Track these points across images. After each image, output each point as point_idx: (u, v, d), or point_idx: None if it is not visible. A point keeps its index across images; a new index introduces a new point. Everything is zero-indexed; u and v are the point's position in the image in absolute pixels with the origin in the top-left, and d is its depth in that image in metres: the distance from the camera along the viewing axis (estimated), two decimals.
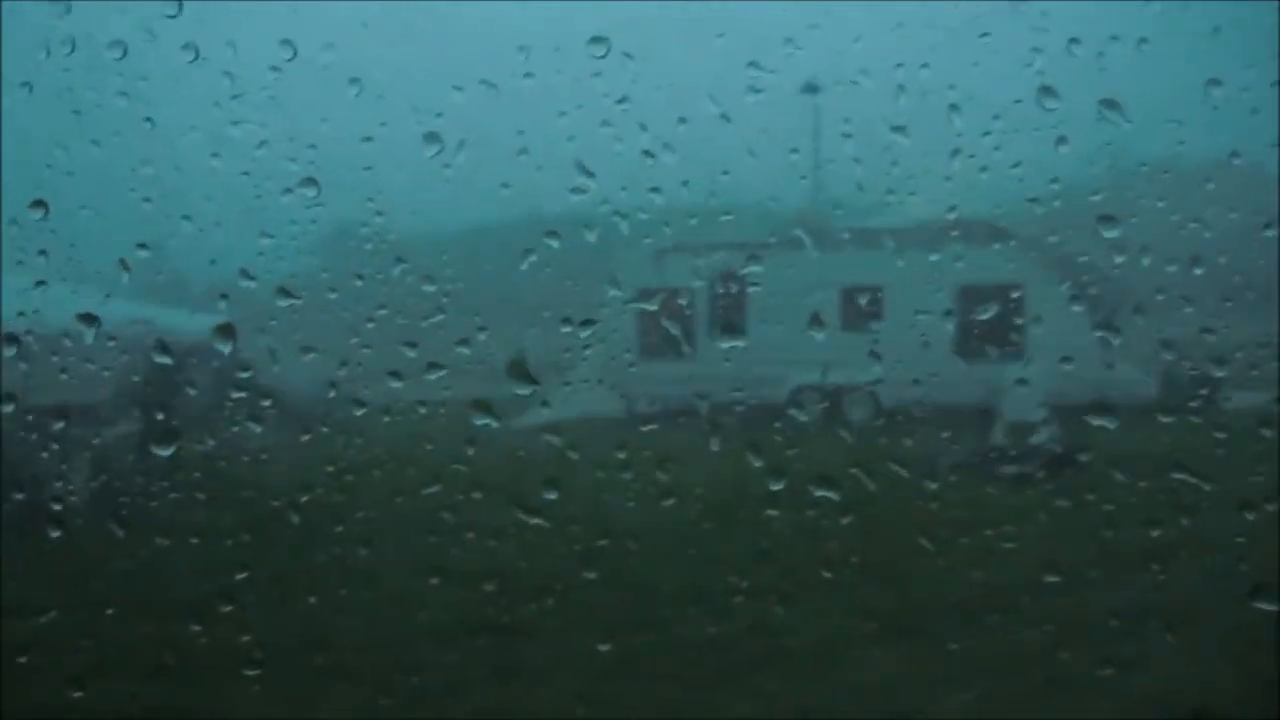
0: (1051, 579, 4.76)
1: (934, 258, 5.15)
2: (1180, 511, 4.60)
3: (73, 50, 4.76)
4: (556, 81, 4.83)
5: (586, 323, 5.01)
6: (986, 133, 4.75)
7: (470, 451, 4.99)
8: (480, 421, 4.47)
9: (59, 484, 5.40)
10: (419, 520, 5.13)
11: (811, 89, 4.95)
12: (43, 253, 4.86)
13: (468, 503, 5.05)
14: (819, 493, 4.49)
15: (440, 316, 4.97)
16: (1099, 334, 4.62)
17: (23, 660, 4.79)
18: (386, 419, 4.94)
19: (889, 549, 5.74)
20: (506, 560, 5.24)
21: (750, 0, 4.97)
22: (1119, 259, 4.63)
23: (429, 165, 4.72)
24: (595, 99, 4.82)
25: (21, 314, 4.95)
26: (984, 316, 5.01)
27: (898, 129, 4.68)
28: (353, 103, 4.80)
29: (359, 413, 4.93)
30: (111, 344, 4.92)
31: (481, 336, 5.03)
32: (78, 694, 4.56)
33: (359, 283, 5.10)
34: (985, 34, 4.73)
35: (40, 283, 4.91)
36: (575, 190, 4.81)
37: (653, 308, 5.08)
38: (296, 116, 4.82)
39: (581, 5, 5.12)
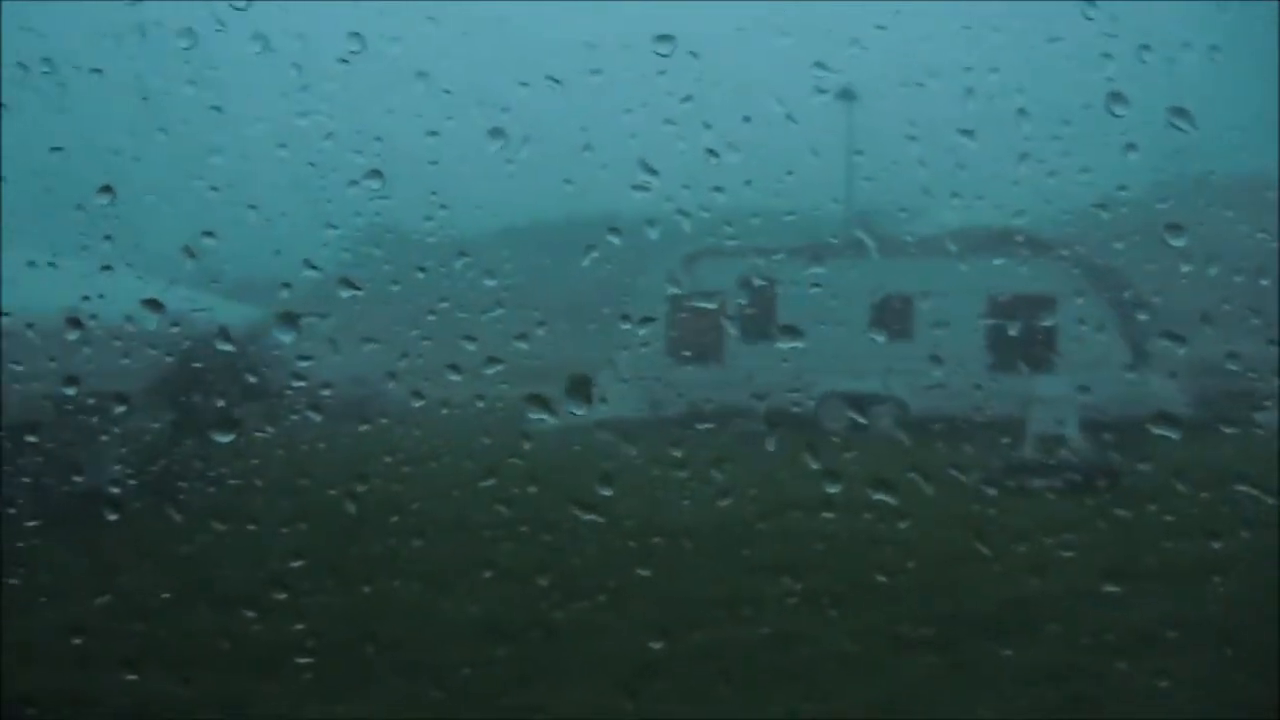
0: (1110, 588, 4.72)
1: (998, 261, 5.10)
2: (1240, 524, 4.55)
3: (143, 38, 4.81)
4: (622, 79, 4.83)
5: (646, 320, 5.02)
6: (1055, 138, 4.72)
7: (526, 446, 5.00)
8: (536, 417, 4.49)
9: (118, 468, 5.46)
10: (474, 513, 5.15)
11: (848, 95, 4.92)
12: (108, 238, 4.91)
13: (523, 497, 5.06)
14: (876, 496, 4.48)
15: (500, 311, 4.98)
16: (1163, 342, 4.57)
17: (77, 642, 4.83)
18: (445, 411, 4.96)
19: (937, 556, 5.71)
20: (560, 555, 5.24)
21: (817, 1, 4.96)
22: (1186, 268, 4.58)
23: (493, 160, 4.74)
24: (660, 97, 4.82)
25: (86, 298, 5.00)
26: (1046, 323, 4.98)
27: (965, 132, 4.64)
28: (419, 96, 4.83)
29: (417, 404, 4.95)
30: (174, 330, 4.96)
31: (540, 332, 5.05)
32: (131, 677, 4.59)
33: (421, 275, 5.12)
34: (1055, 38, 4.70)
35: (105, 267, 4.96)
36: (638, 187, 4.81)
37: (712, 306, 5.07)
38: (363, 109, 4.85)
39: (648, 4, 5.13)
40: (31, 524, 5.05)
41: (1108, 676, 4.75)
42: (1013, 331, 5.37)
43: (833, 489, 4.57)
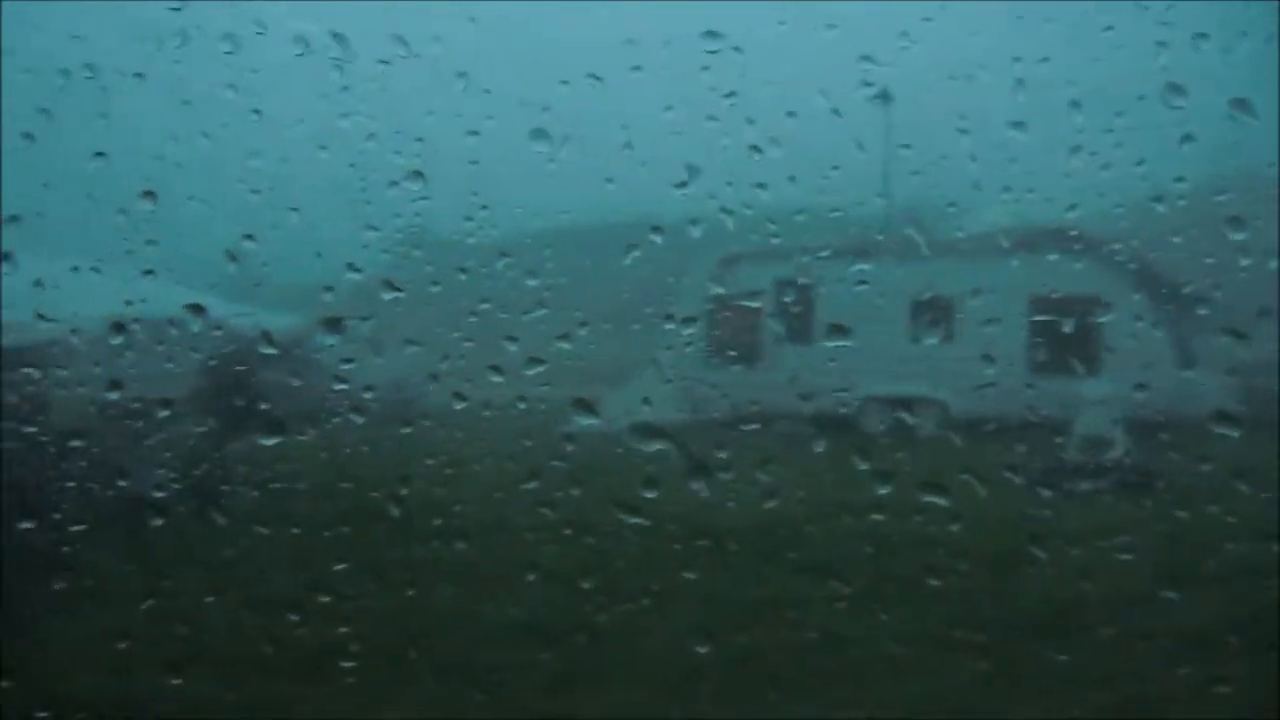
0: (1169, 593, 4.60)
1: (1047, 259, 4.99)
2: None
3: (184, 43, 4.82)
4: (663, 76, 4.78)
5: (689, 320, 4.96)
6: (1109, 130, 4.61)
7: (569, 448, 4.95)
8: (581, 420, 4.45)
9: (162, 472, 5.48)
10: (517, 515, 5.11)
11: (885, 97, 4.84)
12: (151, 242, 4.92)
13: (566, 499, 5.01)
14: (926, 498, 4.40)
15: (542, 311, 4.95)
16: (1223, 339, 4.44)
17: (122, 646, 4.84)
18: (487, 413, 4.93)
19: (988, 558, 5.61)
20: (604, 558, 5.19)
21: None
22: (1245, 261, 4.46)
23: (534, 159, 4.70)
24: (702, 93, 4.76)
25: (129, 302, 5.02)
26: (1096, 321, 4.87)
27: (1016, 125, 4.54)
28: (460, 97, 4.80)
29: (459, 406, 4.91)
30: (217, 333, 4.97)
31: (583, 332, 5.01)
32: (175, 680, 4.59)
33: (462, 276, 5.09)
34: (1108, 28, 4.59)
35: (148, 272, 4.97)
36: (680, 185, 4.76)
37: (754, 305, 5.01)
38: (404, 110, 4.83)
39: (688, 1, 5.07)
40: (77, 528, 5.07)
41: (1166, 680, 4.64)
42: (1061, 330, 5.24)
43: (883, 489, 4.51)
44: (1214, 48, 4.49)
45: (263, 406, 4.93)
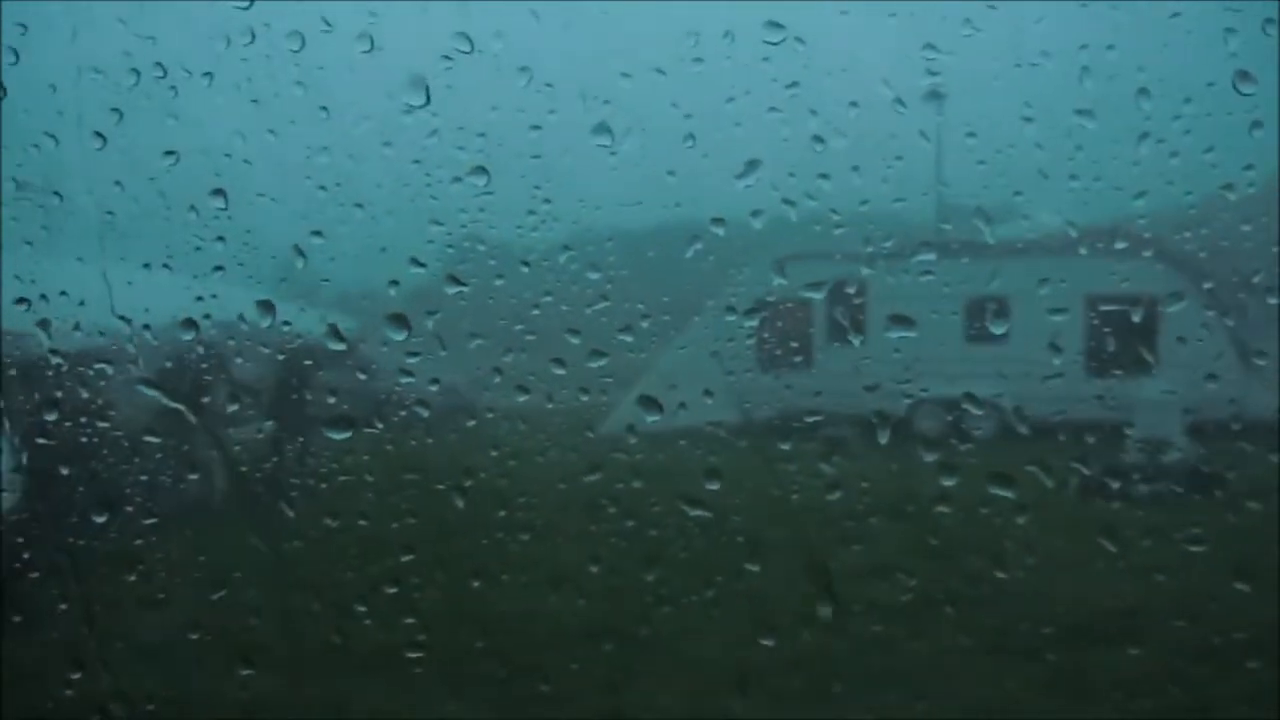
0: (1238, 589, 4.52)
1: (1107, 259, 4.92)
2: None
3: (252, 41, 4.89)
4: (725, 67, 4.78)
5: (751, 312, 4.96)
6: (1177, 117, 4.55)
7: (632, 440, 4.98)
8: (646, 416, 4.48)
9: (232, 466, 5.57)
10: (580, 508, 5.14)
11: (936, 96, 4.80)
12: (220, 239, 5.00)
13: (628, 491, 5.04)
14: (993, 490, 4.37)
15: (604, 304, 4.97)
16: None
17: (194, 637, 4.94)
18: (549, 405, 4.96)
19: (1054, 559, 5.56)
20: (668, 550, 5.21)
21: None
22: None
23: (596, 153, 4.73)
24: (764, 84, 4.76)
25: (199, 299, 5.10)
26: (1158, 322, 4.81)
27: (1082, 112, 4.50)
28: (522, 91, 4.82)
29: (522, 399, 4.96)
30: (286, 329, 5.04)
31: (644, 324, 5.02)
32: (246, 672, 4.68)
33: (525, 270, 5.13)
34: (1175, 14, 4.53)
35: (218, 268, 5.06)
36: (742, 176, 4.76)
37: (819, 296, 4.99)
38: (467, 105, 4.86)
39: None
40: (148, 522, 5.17)
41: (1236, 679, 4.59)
42: (1122, 331, 5.18)
43: (947, 482, 4.48)
44: None
45: (330, 401, 5.00)
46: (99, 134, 4.97)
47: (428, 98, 4.50)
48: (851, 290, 5.39)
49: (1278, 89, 4.26)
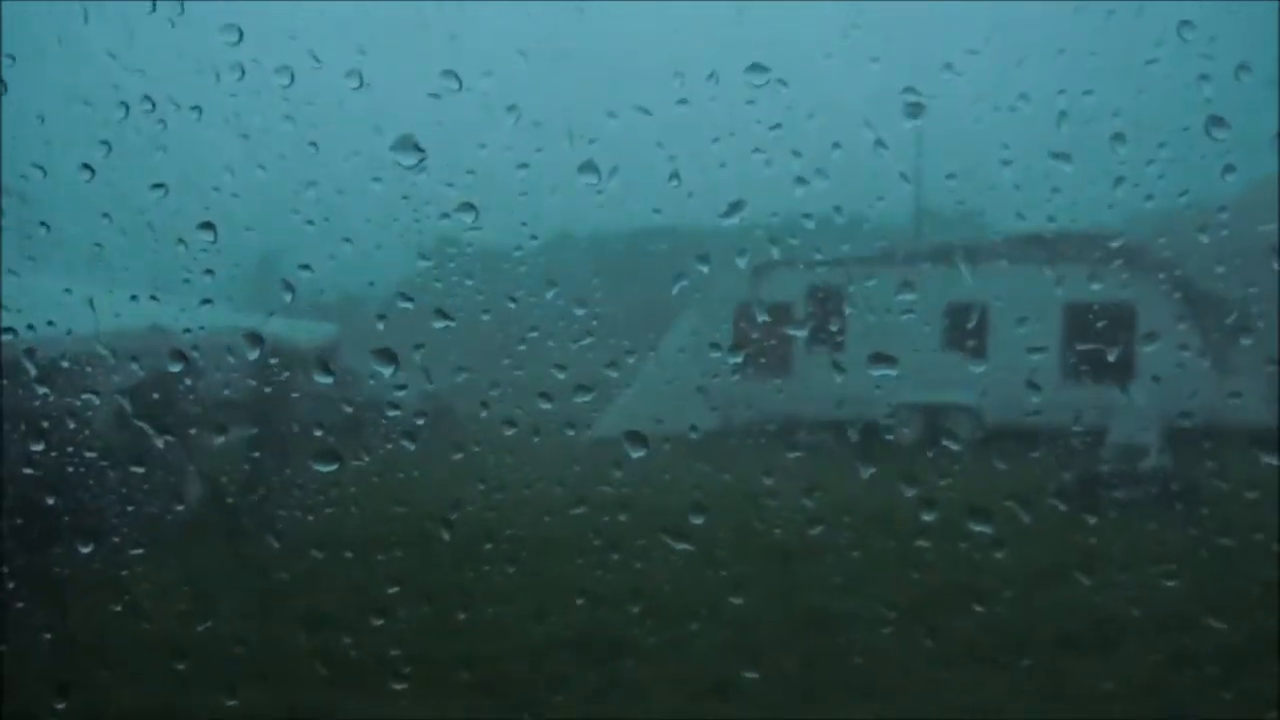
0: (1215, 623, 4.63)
1: (1083, 276, 5.00)
2: None
3: (242, 76, 4.92)
4: (710, 109, 4.84)
5: (735, 348, 5.03)
6: (1151, 161, 4.65)
7: (617, 474, 5.03)
8: (632, 452, 4.53)
9: (219, 497, 5.60)
10: (566, 540, 5.19)
11: (926, 129, 4.89)
12: (209, 272, 5.03)
13: (614, 524, 5.09)
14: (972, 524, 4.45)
15: (590, 340, 5.03)
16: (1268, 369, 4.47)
17: (180, 666, 4.95)
18: (536, 439, 5.01)
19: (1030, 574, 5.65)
20: (652, 582, 5.27)
21: (907, 27, 4.93)
22: None
23: (582, 191, 4.78)
24: (748, 126, 4.83)
25: (188, 331, 5.13)
26: (1131, 341, 4.90)
27: (1059, 156, 4.60)
28: (510, 130, 4.88)
29: (509, 432, 5.01)
30: (273, 361, 5.07)
31: (630, 360, 5.09)
32: (231, 701, 4.70)
33: (512, 305, 5.18)
34: (1151, 60, 4.63)
35: (206, 301, 5.09)
36: (726, 215, 4.83)
37: (802, 334, 5.06)
38: (455, 142, 4.91)
39: (735, 32, 5.15)
40: (135, 551, 5.19)
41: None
42: (1097, 349, 5.27)
43: (928, 516, 4.56)
44: (1257, 80, 4.52)
45: (317, 434, 5.03)
46: (87, 166, 4.97)
47: (419, 159, 4.53)
48: (835, 329, 5.47)
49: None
